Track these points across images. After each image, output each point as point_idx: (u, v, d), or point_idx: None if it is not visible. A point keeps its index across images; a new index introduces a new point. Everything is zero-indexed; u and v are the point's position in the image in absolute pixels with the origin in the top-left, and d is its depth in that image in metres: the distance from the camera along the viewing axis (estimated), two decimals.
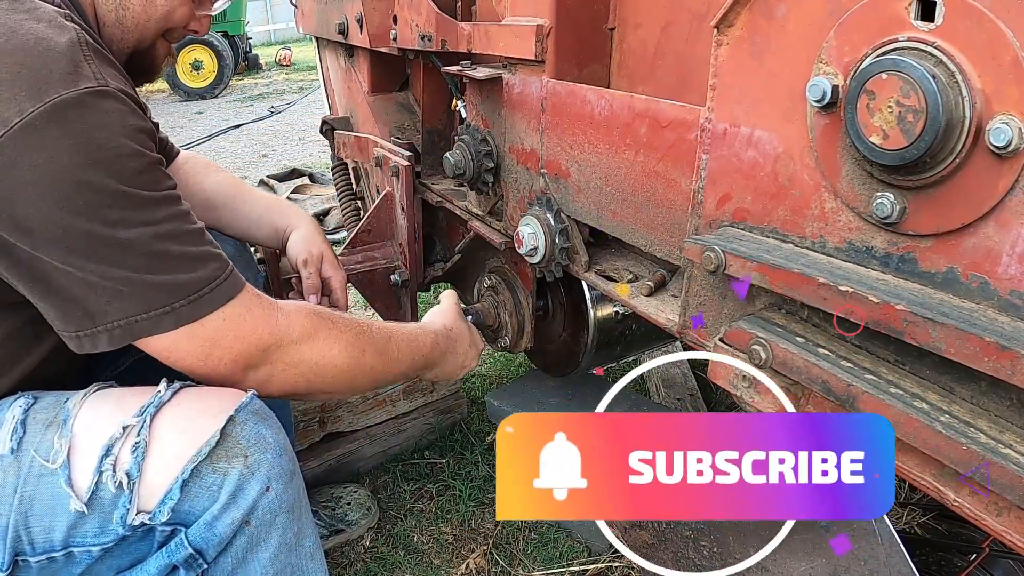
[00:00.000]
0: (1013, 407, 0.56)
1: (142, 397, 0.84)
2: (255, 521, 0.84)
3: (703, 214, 0.83)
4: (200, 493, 0.81)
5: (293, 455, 0.90)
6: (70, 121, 0.76)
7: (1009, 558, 1.24)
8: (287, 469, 0.87)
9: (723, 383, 0.76)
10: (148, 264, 0.80)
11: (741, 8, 0.72)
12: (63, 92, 0.75)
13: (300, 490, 0.91)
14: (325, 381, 0.97)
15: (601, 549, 1.56)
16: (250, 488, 0.83)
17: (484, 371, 2.33)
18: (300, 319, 0.93)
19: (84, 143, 0.76)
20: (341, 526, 1.60)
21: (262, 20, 18.69)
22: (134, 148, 0.80)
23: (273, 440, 0.86)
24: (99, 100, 0.78)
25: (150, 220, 0.81)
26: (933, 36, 0.55)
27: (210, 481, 0.81)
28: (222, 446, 0.82)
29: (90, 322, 0.80)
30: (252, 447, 0.84)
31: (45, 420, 0.84)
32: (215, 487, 0.81)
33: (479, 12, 1.38)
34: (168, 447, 0.81)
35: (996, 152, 0.53)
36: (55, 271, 0.78)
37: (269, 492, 0.84)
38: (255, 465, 0.83)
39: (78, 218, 0.76)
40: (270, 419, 0.89)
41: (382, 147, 1.63)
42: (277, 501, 0.85)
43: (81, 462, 0.80)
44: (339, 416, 1.77)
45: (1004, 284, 0.56)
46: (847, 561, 1.21)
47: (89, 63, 0.79)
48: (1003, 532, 0.57)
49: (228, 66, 9.81)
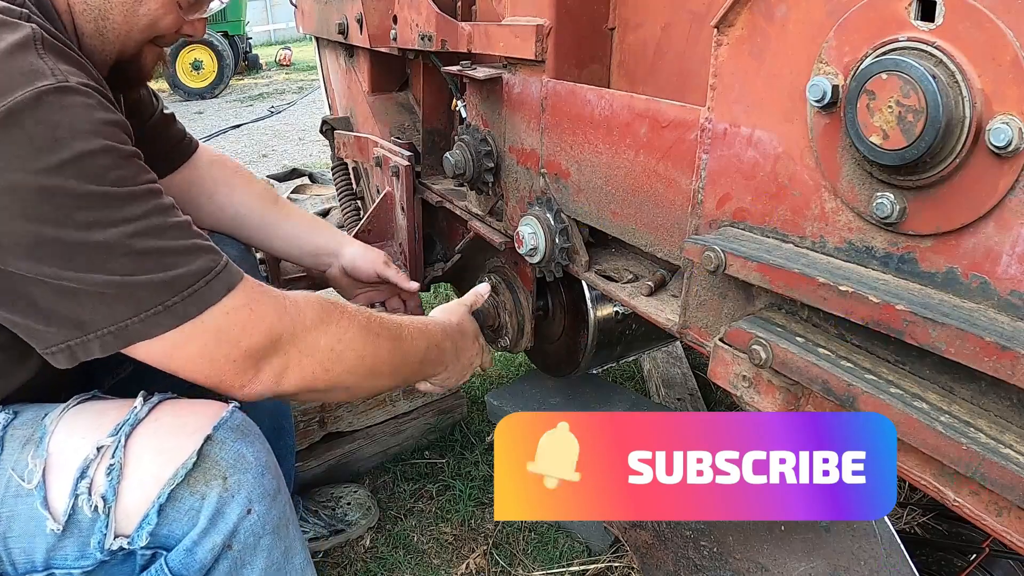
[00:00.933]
0: (1013, 407, 0.56)
1: (119, 412, 0.81)
2: (237, 545, 0.81)
3: (703, 214, 0.83)
4: (179, 517, 0.79)
5: (277, 471, 0.88)
6: (27, 124, 0.71)
7: (1009, 558, 1.24)
8: (270, 488, 0.84)
9: (723, 383, 0.76)
10: (132, 264, 0.76)
11: (741, 8, 0.72)
12: (18, 94, 0.71)
13: (286, 508, 0.88)
14: (345, 369, 0.92)
15: (601, 549, 1.56)
16: (230, 511, 0.80)
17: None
18: (310, 305, 0.90)
19: (43, 146, 0.71)
20: (341, 526, 1.60)
21: (262, 20, 18.68)
22: (102, 144, 0.75)
23: (254, 459, 0.83)
24: (60, 97, 0.74)
25: (128, 217, 0.76)
26: (933, 36, 0.55)
27: (188, 505, 0.78)
28: (199, 468, 0.79)
29: (79, 331, 0.76)
30: (231, 468, 0.81)
31: (23, 437, 0.81)
32: (194, 511, 0.79)
33: (479, 12, 1.38)
34: (144, 469, 0.78)
35: (996, 152, 0.53)
36: (33, 284, 0.74)
37: (251, 514, 0.82)
38: (235, 487, 0.80)
39: (45, 226, 0.72)
40: (251, 435, 0.85)
41: (382, 147, 1.63)
42: (260, 523, 0.83)
43: (57, 483, 0.78)
44: (339, 416, 1.77)
45: (1004, 284, 0.56)
46: (847, 561, 1.21)
47: (45, 60, 0.75)
48: (1003, 532, 0.57)
49: (228, 66, 9.82)
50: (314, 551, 1.58)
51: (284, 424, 1.49)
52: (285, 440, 1.49)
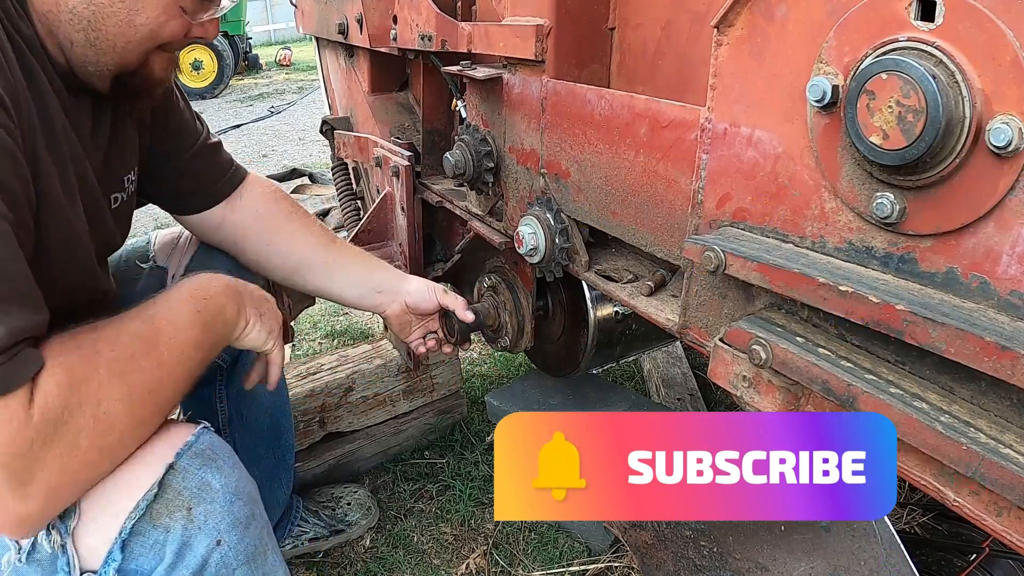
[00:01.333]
0: (1013, 407, 0.56)
1: None
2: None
3: (703, 214, 0.83)
4: (143, 552, 0.75)
5: (251, 496, 0.83)
6: None
7: (1009, 558, 1.24)
8: (240, 516, 0.80)
9: (723, 383, 0.76)
10: None
11: (741, 8, 0.72)
12: None
13: (261, 534, 0.84)
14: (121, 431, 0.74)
15: (601, 549, 1.57)
16: (197, 544, 0.76)
17: (484, 371, 2.33)
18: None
19: None
20: (341, 526, 1.60)
21: (262, 20, 18.69)
22: None
23: (220, 487, 0.78)
24: None
25: None
26: (933, 36, 0.55)
27: (152, 539, 0.75)
28: (161, 499, 0.75)
29: None
30: (195, 497, 0.76)
31: None
32: (158, 545, 0.75)
33: (479, 12, 1.38)
34: (104, 503, 0.74)
35: (996, 152, 0.53)
36: None
37: (221, 545, 0.78)
38: (200, 518, 0.76)
39: None
40: (220, 459, 0.80)
41: (382, 147, 1.63)
42: (232, 553, 0.79)
43: None
44: (339, 416, 1.77)
45: (1004, 284, 0.56)
46: (847, 561, 1.21)
47: None
48: (1003, 532, 0.57)
49: (228, 66, 9.82)
50: (314, 551, 1.58)
51: (283, 422, 1.48)
52: (284, 438, 1.48)
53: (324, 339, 2.61)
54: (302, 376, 1.77)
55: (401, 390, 1.86)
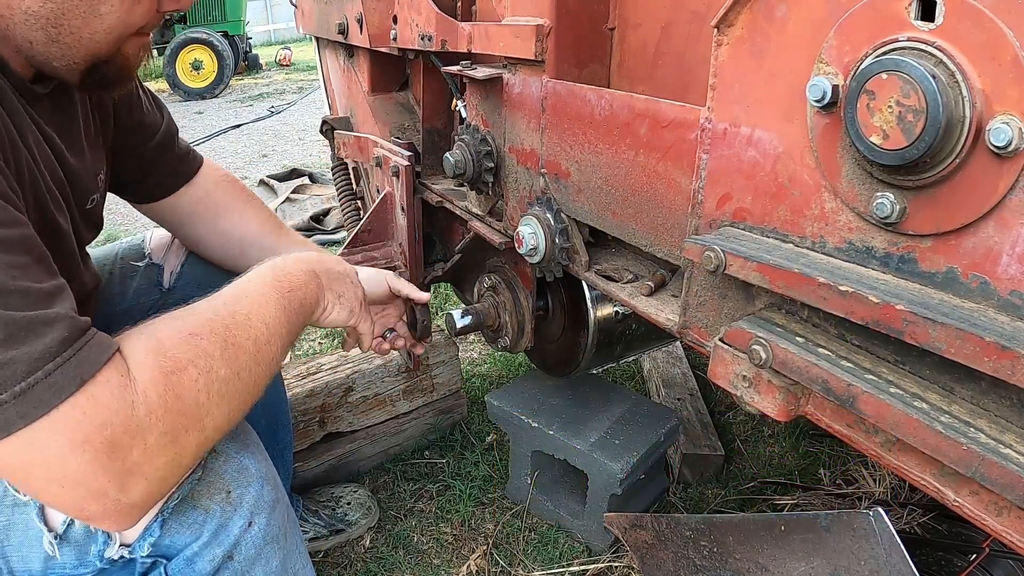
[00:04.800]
0: (1013, 407, 0.56)
1: None
2: (239, 556, 0.81)
3: (703, 214, 0.83)
4: (181, 529, 0.78)
5: (276, 480, 0.87)
6: None
7: (1009, 558, 1.24)
8: (269, 500, 0.84)
9: (723, 383, 0.76)
10: None
11: (741, 8, 0.72)
12: None
13: (285, 516, 0.87)
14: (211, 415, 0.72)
15: (601, 549, 1.56)
16: (233, 524, 0.80)
17: (484, 371, 2.33)
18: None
19: None
20: (341, 526, 1.60)
21: (262, 20, 18.68)
22: None
23: (256, 471, 0.82)
24: None
25: None
26: (933, 36, 0.55)
27: (191, 519, 0.78)
28: (203, 481, 0.78)
29: None
30: (234, 481, 0.80)
31: None
32: (197, 524, 0.78)
33: (479, 12, 1.38)
34: None
35: (996, 152, 0.53)
36: None
37: (252, 527, 0.81)
38: (237, 500, 0.80)
39: None
40: (252, 444, 0.84)
41: (382, 147, 1.63)
42: (261, 535, 0.83)
43: None
44: (339, 416, 1.77)
45: (1004, 284, 0.56)
46: (847, 561, 1.21)
47: None
48: (1003, 532, 0.57)
49: (228, 66, 9.81)
50: (314, 551, 1.58)
51: (281, 419, 1.48)
52: (282, 435, 1.48)
53: (324, 339, 2.61)
54: (302, 376, 1.77)
55: (401, 390, 1.86)
